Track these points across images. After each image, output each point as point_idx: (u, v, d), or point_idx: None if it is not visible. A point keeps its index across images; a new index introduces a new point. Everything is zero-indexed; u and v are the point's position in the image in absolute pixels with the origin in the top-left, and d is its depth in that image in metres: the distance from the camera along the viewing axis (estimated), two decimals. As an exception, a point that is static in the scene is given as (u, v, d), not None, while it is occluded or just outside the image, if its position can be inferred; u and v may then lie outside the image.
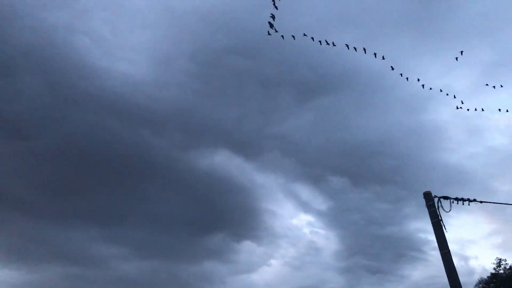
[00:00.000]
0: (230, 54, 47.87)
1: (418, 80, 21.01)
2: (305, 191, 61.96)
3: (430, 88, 21.46)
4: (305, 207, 65.84)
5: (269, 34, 16.00)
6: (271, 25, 15.92)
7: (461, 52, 20.12)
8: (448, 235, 7.67)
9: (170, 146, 55.00)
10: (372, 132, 55.30)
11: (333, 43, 17.97)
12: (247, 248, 71.82)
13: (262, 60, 49.18)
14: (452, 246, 7.73)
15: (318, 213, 64.59)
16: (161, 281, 65.17)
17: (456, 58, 20.02)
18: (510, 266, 33.09)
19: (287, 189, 61.49)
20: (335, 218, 61.82)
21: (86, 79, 42.95)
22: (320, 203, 64.29)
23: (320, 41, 17.87)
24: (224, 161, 60.01)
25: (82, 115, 45.57)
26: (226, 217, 59.54)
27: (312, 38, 17.73)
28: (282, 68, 49.86)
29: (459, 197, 7.98)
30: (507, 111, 21.86)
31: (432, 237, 53.20)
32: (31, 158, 45.10)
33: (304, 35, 17.63)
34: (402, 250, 55.13)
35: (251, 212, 62.68)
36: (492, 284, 32.63)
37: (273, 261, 75.00)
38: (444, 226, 7.70)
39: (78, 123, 45.22)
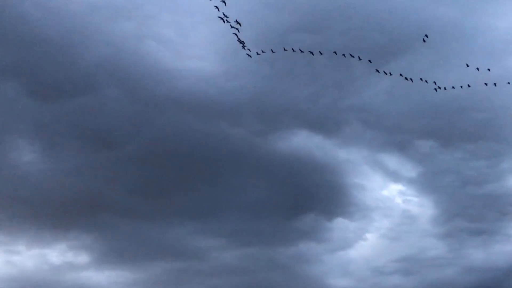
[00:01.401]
0: (295, 32, 46.96)
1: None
2: (391, 160, 59.86)
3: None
4: (394, 176, 63.60)
5: None
6: None
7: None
8: None
9: (248, 134, 55.44)
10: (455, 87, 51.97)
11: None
12: (340, 225, 70.96)
13: (328, 33, 47.78)
14: None
15: (409, 181, 62.15)
16: (261, 267, 66.49)
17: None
18: None
19: (373, 160, 59.75)
20: (427, 183, 59.15)
21: (161, 82, 44.42)
22: (409, 170, 61.80)
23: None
24: (304, 141, 59.42)
25: (163, 118, 47.33)
26: (314, 197, 59.20)
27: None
28: (350, 37, 48.07)
29: None
30: None
31: (539, 190, 49.45)
32: (123, 165, 47.65)
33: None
34: (506, 208, 51.75)
35: (339, 188, 61.74)
36: None
37: (368, 235, 73.51)
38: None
39: (160, 126, 47.04)
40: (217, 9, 15.21)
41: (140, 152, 47.26)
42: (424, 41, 18.89)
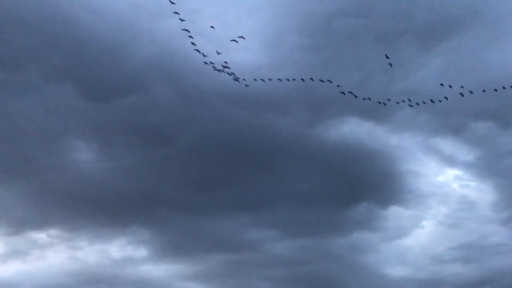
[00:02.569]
0: (339, 17, 46.00)
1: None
2: (446, 144, 57.72)
3: None
4: (450, 161, 61.31)
5: None
6: None
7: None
8: None
9: (297, 125, 54.98)
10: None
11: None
12: (395, 213, 69.30)
13: (374, 15, 46.45)
14: None
15: (466, 165, 59.76)
16: (315, 257, 66.14)
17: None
18: None
19: (427, 145, 57.79)
20: (485, 167, 56.76)
21: (208, 77, 44.67)
22: (466, 154, 59.37)
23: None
24: (354, 129, 58.25)
25: (211, 112, 47.77)
26: (367, 185, 58.08)
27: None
28: (398, 18, 46.56)
29: None
30: None
31: None
32: (175, 160, 48.60)
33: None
34: None
35: (392, 176, 60.21)
36: None
37: (425, 223, 71.33)
38: None
39: (208, 121, 47.52)
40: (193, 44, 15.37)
41: (191, 147, 48.03)
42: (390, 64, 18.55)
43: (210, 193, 54.47)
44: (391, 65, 18.94)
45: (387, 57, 19.45)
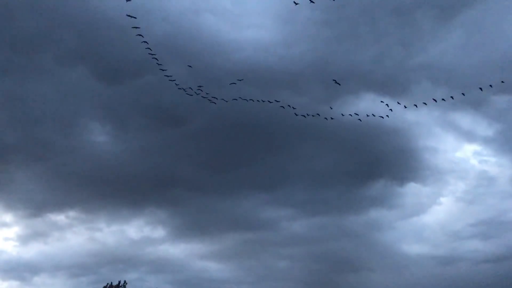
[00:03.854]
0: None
1: None
2: (465, 119, 56.61)
3: None
4: (468, 136, 60.24)
5: None
6: None
7: None
8: None
9: (312, 102, 54.24)
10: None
11: None
12: (412, 190, 68.67)
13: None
14: None
15: (485, 140, 58.68)
16: (331, 235, 66.13)
17: None
18: None
19: (445, 120, 56.73)
20: (505, 141, 55.66)
21: (221, 55, 44.16)
22: (485, 128, 58.22)
23: None
24: (370, 105, 57.32)
25: (224, 91, 47.30)
26: (384, 162, 57.48)
27: None
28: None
29: None
30: None
31: None
32: (191, 141, 48.52)
33: None
34: None
35: (410, 152, 59.42)
36: None
37: (443, 199, 70.67)
38: None
39: (222, 100, 47.08)
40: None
41: (206, 127, 47.84)
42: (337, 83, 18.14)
43: (226, 173, 54.50)
44: (338, 84, 18.88)
45: (336, 82, 19.46)
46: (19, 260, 64.64)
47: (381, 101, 22.65)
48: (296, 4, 14.96)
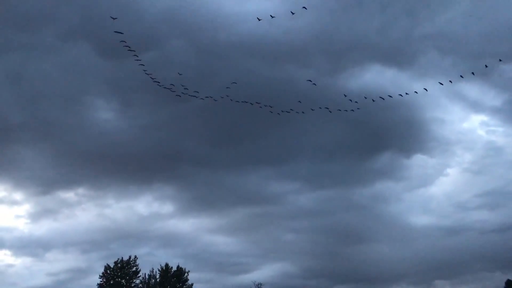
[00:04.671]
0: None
1: None
2: (473, 89, 56.02)
3: None
4: (476, 106, 59.81)
5: None
6: None
7: None
8: None
9: (317, 75, 53.74)
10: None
11: None
12: (419, 162, 68.60)
13: None
14: None
15: (492, 110, 58.25)
16: (337, 208, 66.47)
17: None
18: None
19: (452, 91, 55.99)
20: (514, 110, 55.43)
21: (224, 29, 43.51)
22: (493, 98, 57.69)
23: None
24: (376, 77, 56.70)
25: (228, 65, 46.91)
26: (390, 134, 57.22)
27: None
28: None
29: None
30: None
31: None
32: (197, 116, 48.34)
33: None
34: None
35: (416, 124, 59.05)
36: None
37: (449, 170, 70.59)
38: None
39: (226, 75, 46.69)
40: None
41: (211, 103, 47.49)
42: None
43: (233, 148, 54.54)
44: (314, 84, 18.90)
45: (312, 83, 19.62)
46: (30, 237, 65.85)
47: (380, 97, 22.22)
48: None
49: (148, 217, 66.91)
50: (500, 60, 23.12)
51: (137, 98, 50.82)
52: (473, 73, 21.85)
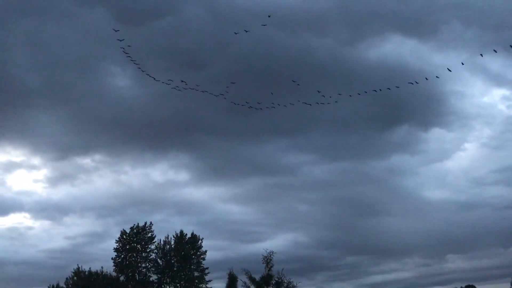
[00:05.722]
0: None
1: None
2: (495, 62, 54.34)
3: None
4: (498, 80, 58.32)
5: None
6: None
7: None
8: None
9: (335, 44, 52.69)
10: None
11: None
12: (436, 136, 67.68)
13: None
14: None
15: (515, 84, 56.77)
16: (352, 180, 66.29)
17: None
18: None
19: (473, 64, 54.57)
20: (537, 85, 53.89)
21: (242, -5, 42.61)
22: (516, 72, 56.20)
23: None
24: (396, 47, 55.46)
25: (245, 34, 46.06)
26: (408, 107, 56.26)
27: None
28: None
29: None
30: None
31: None
32: (213, 85, 47.78)
33: None
34: None
35: (435, 97, 57.92)
36: None
37: (467, 145, 69.60)
38: None
39: (243, 43, 45.94)
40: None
41: (226, 72, 47.01)
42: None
43: (248, 118, 54.19)
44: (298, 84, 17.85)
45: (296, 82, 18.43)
46: (48, 201, 67.38)
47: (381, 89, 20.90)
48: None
49: (164, 184, 67.75)
50: None
51: (153, 65, 50.43)
52: (495, 50, 20.91)
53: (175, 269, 37.02)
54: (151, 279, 37.29)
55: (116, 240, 37.36)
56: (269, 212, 64.30)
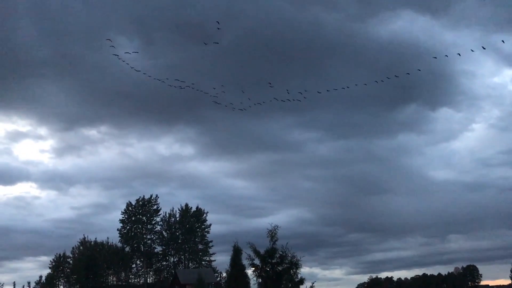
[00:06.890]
0: None
1: None
2: (508, 42, 53.49)
3: None
4: (509, 60, 57.50)
5: None
6: None
7: None
8: None
9: (345, 19, 51.91)
10: None
11: None
12: (444, 115, 67.22)
13: None
14: None
15: (527, 64, 55.88)
16: (357, 158, 66.25)
17: None
18: None
19: (486, 42, 53.55)
20: (549, 66, 53.05)
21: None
22: (529, 51, 55.23)
23: None
24: (407, 24, 54.61)
25: (255, 7, 45.42)
26: (417, 86, 55.67)
27: None
28: None
29: None
30: None
31: None
32: (219, 58, 47.29)
33: None
34: None
35: (445, 76, 57.29)
36: None
37: (475, 126, 69.16)
38: None
39: (252, 16, 45.35)
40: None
41: (236, 45, 46.40)
42: None
43: (254, 93, 53.68)
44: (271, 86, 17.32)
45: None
46: (55, 171, 68.06)
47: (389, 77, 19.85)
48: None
49: (169, 158, 68.07)
50: None
51: (159, 37, 50.07)
52: (503, 41, 20.25)
53: (179, 241, 37.52)
54: (155, 250, 37.87)
55: (122, 212, 37.81)
56: (274, 188, 64.50)
